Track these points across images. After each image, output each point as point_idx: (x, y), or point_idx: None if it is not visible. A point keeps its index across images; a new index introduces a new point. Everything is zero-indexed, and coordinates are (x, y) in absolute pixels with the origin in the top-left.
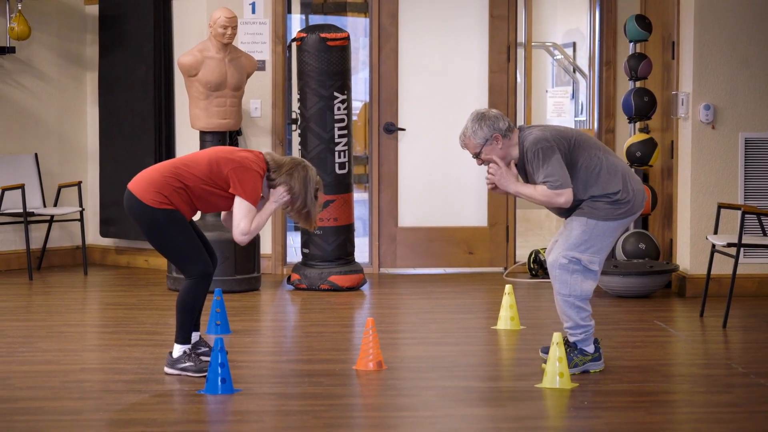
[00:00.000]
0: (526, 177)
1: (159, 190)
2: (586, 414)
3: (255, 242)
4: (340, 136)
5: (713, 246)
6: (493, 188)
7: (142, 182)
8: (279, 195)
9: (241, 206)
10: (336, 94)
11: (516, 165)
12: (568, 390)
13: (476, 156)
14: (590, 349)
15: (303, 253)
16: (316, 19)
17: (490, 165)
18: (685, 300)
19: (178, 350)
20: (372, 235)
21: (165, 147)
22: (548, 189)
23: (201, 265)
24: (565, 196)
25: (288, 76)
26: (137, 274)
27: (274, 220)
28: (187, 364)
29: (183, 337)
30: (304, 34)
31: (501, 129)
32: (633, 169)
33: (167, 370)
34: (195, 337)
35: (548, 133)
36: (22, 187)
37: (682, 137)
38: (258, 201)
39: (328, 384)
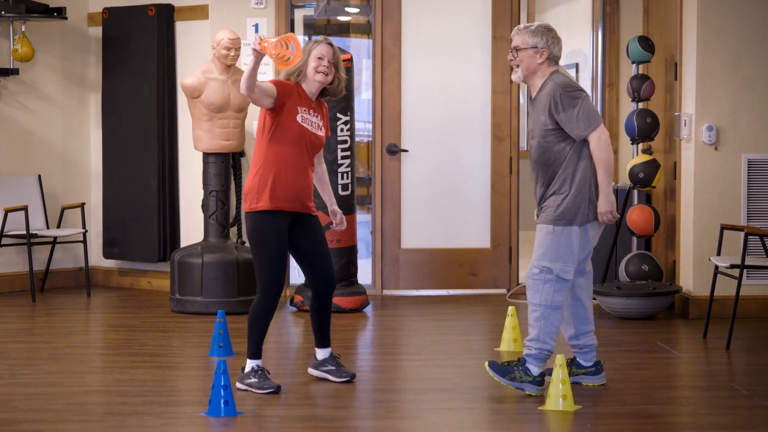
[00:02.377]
0: (536, 113)
1: (247, 189)
2: None
3: None
4: (343, 158)
5: (716, 267)
6: (613, 217)
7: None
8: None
9: None
10: (339, 115)
11: (530, 99)
12: (571, 412)
13: (515, 50)
14: (535, 370)
15: None
16: None
17: (602, 218)
18: (688, 321)
19: (248, 365)
20: (375, 256)
21: (168, 168)
22: (593, 142)
23: (265, 282)
24: (604, 134)
25: None
26: (140, 295)
27: None
28: (252, 380)
29: (251, 352)
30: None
31: (553, 52)
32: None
33: (237, 384)
34: (325, 353)
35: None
36: (25, 208)
37: (684, 158)
38: (274, 87)
39: (331, 406)
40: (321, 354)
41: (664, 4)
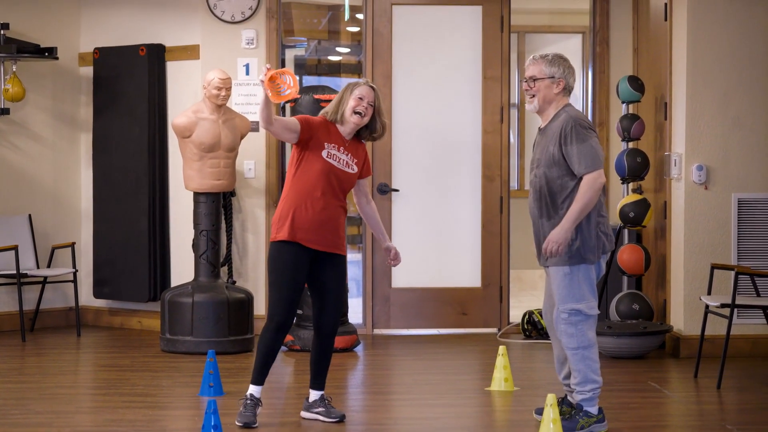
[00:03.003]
0: (544, 143)
1: (273, 219)
2: None
3: (249, 304)
4: None
5: (707, 307)
6: (557, 251)
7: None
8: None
9: None
10: None
11: (540, 128)
12: None
13: (531, 79)
14: (594, 410)
15: (297, 315)
16: (309, 80)
17: (548, 245)
18: (679, 361)
19: (248, 390)
20: (366, 295)
21: (159, 208)
22: (587, 182)
23: (272, 309)
24: (601, 178)
25: None
26: (130, 335)
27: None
28: (240, 408)
29: (253, 378)
30: (298, 96)
31: (568, 83)
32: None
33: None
34: (316, 395)
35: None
36: (15, 248)
37: (675, 198)
38: (298, 122)
39: None
40: (313, 396)
41: (653, 44)
